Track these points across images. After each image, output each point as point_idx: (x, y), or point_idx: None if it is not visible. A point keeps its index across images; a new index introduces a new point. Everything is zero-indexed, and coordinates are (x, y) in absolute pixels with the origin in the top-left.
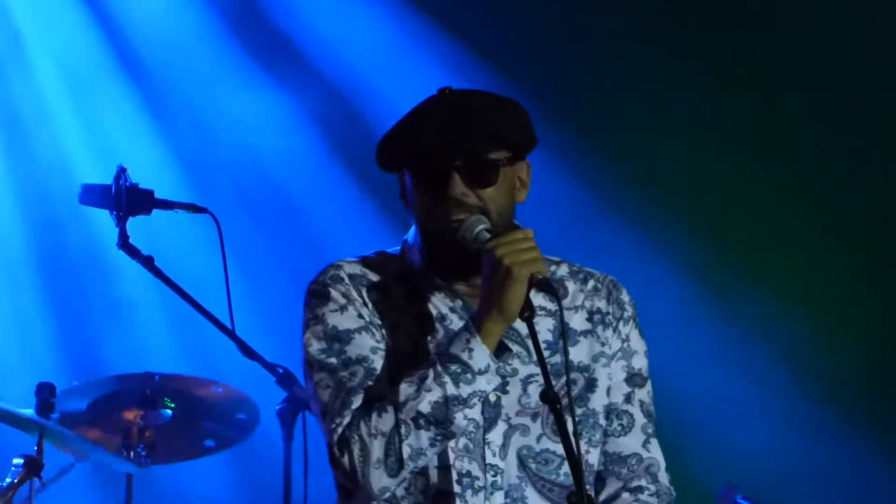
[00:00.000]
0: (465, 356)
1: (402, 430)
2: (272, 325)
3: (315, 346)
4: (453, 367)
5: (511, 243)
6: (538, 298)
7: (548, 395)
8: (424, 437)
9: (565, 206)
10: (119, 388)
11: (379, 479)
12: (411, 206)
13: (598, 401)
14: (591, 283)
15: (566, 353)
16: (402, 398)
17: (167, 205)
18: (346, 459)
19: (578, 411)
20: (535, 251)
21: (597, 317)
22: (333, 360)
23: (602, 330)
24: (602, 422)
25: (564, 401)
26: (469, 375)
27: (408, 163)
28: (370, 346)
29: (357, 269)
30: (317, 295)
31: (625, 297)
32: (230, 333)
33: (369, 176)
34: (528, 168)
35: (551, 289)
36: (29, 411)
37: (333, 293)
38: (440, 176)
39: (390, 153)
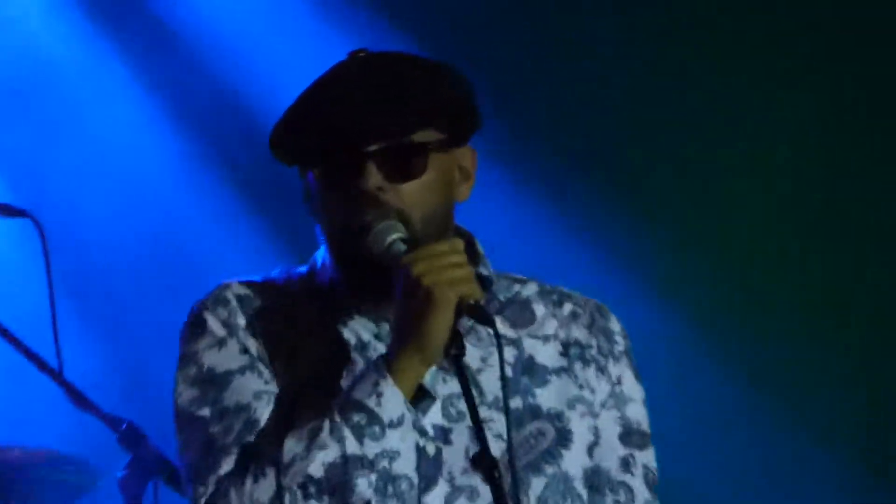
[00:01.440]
0: (371, 403)
1: (287, 499)
2: (115, 364)
3: (185, 396)
4: (356, 418)
5: (432, 258)
6: (504, 327)
7: (482, 460)
8: None
9: (518, 215)
10: None
11: None
12: (317, 209)
13: (573, 461)
14: (567, 308)
15: (506, 399)
16: (286, 458)
17: None
18: None
19: (549, 471)
20: (465, 268)
21: (574, 350)
22: (206, 411)
23: (581, 368)
24: (580, 490)
25: (529, 458)
26: (377, 429)
27: (309, 151)
28: (253, 391)
29: (249, 289)
30: (193, 325)
31: (614, 325)
32: (56, 376)
33: (249, 179)
34: (473, 155)
35: (486, 318)
36: None
37: (211, 323)
38: (350, 166)
39: (287, 140)
